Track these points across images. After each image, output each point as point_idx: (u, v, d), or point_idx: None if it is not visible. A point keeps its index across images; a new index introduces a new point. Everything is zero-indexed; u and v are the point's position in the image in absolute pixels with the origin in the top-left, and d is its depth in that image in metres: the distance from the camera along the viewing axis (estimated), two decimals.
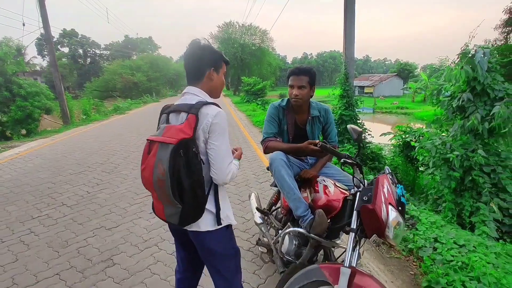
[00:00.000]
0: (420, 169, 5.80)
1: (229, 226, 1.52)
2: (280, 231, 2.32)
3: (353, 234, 1.62)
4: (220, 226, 1.45)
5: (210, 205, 1.43)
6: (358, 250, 1.67)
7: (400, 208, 1.59)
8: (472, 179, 3.82)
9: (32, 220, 3.58)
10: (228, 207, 1.53)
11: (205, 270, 1.73)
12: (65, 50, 56.39)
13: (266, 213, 2.61)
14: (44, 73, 42.35)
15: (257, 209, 2.66)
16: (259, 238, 2.41)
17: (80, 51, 57.88)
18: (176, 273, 1.73)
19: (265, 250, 2.32)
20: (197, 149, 1.31)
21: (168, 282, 2.42)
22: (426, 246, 2.83)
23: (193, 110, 1.33)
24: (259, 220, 2.59)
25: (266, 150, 2.26)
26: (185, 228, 1.44)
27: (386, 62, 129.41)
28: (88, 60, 59.45)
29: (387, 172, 1.69)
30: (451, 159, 3.73)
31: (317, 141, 1.87)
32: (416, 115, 25.67)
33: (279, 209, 2.61)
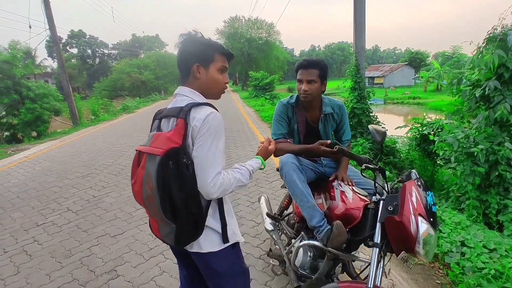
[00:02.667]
0: (438, 162, 5.50)
1: (235, 244, 1.34)
2: (293, 241, 2.13)
3: (377, 249, 1.42)
4: (225, 246, 1.27)
5: (213, 222, 1.25)
6: (383, 266, 1.47)
7: (431, 219, 1.38)
8: (498, 174, 3.54)
9: (37, 228, 3.48)
10: (235, 223, 1.35)
11: None
12: (74, 51, 56.99)
13: (277, 219, 2.43)
14: (55, 74, 42.93)
15: (268, 215, 2.47)
16: (270, 249, 2.23)
17: (89, 51, 58.41)
18: None
19: (277, 263, 2.14)
20: (188, 159, 1.13)
21: None
22: (452, 251, 2.60)
23: (182, 114, 1.15)
24: (269, 227, 2.40)
25: (276, 153, 2.05)
26: (185, 248, 1.28)
27: (396, 52, 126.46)
28: (97, 60, 59.99)
29: (415, 177, 1.48)
30: (475, 153, 3.45)
31: (329, 141, 1.67)
32: (430, 105, 24.96)
33: (291, 214, 2.42)
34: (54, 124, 13.99)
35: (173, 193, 1.11)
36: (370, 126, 1.62)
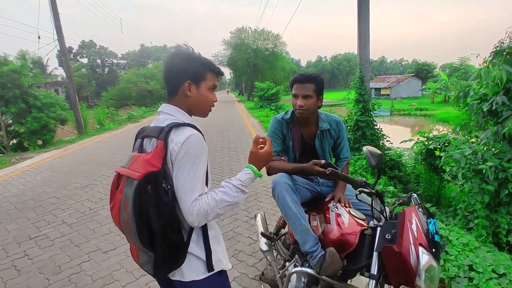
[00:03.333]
0: (445, 177, 5.33)
1: (222, 272, 1.24)
2: (287, 263, 2.01)
3: (374, 282, 1.30)
4: (209, 274, 1.18)
5: (196, 249, 1.17)
6: None
7: (434, 249, 1.26)
8: (509, 193, 3.37)
9: (29, 241, 3.40)
10: (221, 250, 1.25)
11: None
12: (84, 60, 58.18)
13: (272, 238, 2.31)
14: (65, 83, 43.71)
15: (263, 234, 2.36)
16: (262, 272, 2.11)
17: (98, 61, 59.61)
18: None
19: None
20: (167, 184, 1.05)
21: None
22: (459, 276, 2.44)
23: (162, 135, 1.07)
24: (264, 247, 2.28)
25: (269, 171, 1.95)
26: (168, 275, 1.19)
27: (403, 63, 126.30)
28: (106, 69, 61.12)
29: (416, 203, 1.36)
30: (483, 170, 3.30)
31: (323, 161, 1.56)
32: (437, 116, 24.62)
33: (288, 234, 2.30)
34: (60, 133, 14.10)
35: (152, 220, 1.04)
36: (364, 148, 1.51)
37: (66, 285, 2.58)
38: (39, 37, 12.12)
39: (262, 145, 1.28)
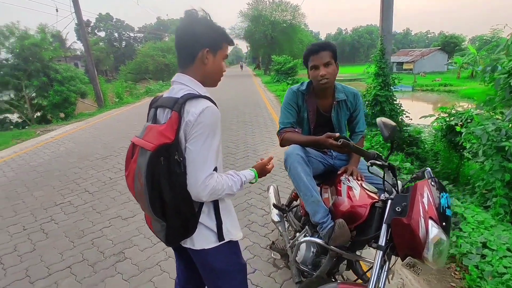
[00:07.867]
0: (465, 155, 5.17)
1: (230, 241, 1.28)
2: (297, 234, 2.06)
3: (381, 252, 1.32)
4: (219, 243, 1.22)
5: (207, 220, 1.20)
6: (387, 269, 1.36)
7: (444, 223, 1.25)
8: None
9: (55, 207, 3.61)
10: (232, 220, 1.28)
11: None
12: (102, 34, 58.30)
13: (284, 210, 2.36)
14: (84, 57, 44.21)
15: (274, 205, 2.40)
16: (272, 242, 2.17)
17: (116, 34, 59.55)
18: (176, 285, 1.56)
19: (279, 256, 2.08)
20: (180, 156, 1.06)
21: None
22: (472, 253, 2.42)
23: (176, 106, 1.06)
24: (276, 218, 2.34)
25: (282, 143, 1.96)
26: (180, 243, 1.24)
27: (429, 35, 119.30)
28: (123, 43, 61.12)
29: (428, 176, 1.34)
30: (506, 148, 3.18)
31: (337, 134, 1.53)
32: (461, 92, 23.51)
33: (299, 206, 2.34)
34: (80, 106, 14.49)
35: (163, 191, 1.05)
36: (378, 119, 1.47)
37: (89, 247, 2.76)
38: (57, 10, 12.20)
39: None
